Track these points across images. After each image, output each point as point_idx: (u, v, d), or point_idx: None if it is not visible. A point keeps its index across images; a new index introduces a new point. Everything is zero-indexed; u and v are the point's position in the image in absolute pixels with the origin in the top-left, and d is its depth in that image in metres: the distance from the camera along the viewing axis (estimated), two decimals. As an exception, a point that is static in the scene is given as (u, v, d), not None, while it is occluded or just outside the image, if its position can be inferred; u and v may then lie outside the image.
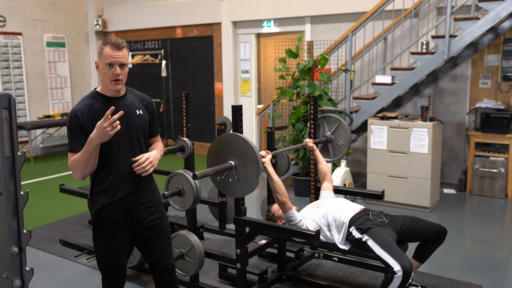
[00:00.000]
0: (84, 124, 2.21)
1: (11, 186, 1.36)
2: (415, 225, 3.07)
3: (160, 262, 2.47)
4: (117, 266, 2.36)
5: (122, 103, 2.30)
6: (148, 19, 8.60)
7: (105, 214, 2.31)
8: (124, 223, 2.32)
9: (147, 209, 2.38)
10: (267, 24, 7.46)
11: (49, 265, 3.96)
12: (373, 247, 2.84)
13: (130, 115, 2.30)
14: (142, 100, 2.42)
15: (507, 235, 4.59)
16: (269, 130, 3.93)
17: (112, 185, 2.29)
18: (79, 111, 2.23)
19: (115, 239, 2.32)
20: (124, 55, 2.23)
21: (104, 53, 2.22)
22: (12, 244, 1.37)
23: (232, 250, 3.75)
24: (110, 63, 2.20)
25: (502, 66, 5.70)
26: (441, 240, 3.06)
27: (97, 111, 2.23)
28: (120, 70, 2.21)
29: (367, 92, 6.32)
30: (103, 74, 2.25)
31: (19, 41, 8.20)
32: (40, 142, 8.52)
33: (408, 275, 2.66)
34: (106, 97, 2.29)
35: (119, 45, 2.21)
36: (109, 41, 2.22)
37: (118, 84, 2.25)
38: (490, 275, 3.59)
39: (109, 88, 2.28)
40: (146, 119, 2.39)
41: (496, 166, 5.45)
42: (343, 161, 5.36)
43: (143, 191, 2.36)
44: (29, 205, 5.38)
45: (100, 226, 2.34)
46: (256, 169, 2.40)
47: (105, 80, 2.26)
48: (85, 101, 2.28)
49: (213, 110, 8.28)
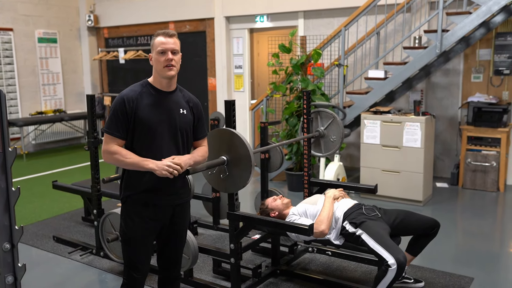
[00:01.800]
0: (129, 110, 2.24)
1: (2, 182, 1.36)
2: (408, 219, 3.09)
3: (170, 260, 2.50)
4: (137, 263, 2.38)
5: (169, 99, 2.34)
6: (140, 14, 8.55)
7: (131, 207, 2.34)
8: (149, 218, 2.33)
9: (173, 207, 2.39)
10: (260, 19, 7.44)
11: (43, 261, 3.95)
12: (367, 240, 2.86)
13: (173, 112, 2.32)
14: (189, 100, 2.43)
15: (499, 228, 4.63)
16: (263, 125, 3.93)
17: (145, 176, 2.28)
18: (126, 96, 2.26)
19: (138, 233, 2.34)
20: (175, 42, 2.30)
21: (156, 43, 2.28)
22: (4, 241, 1.37)
23: (226, 245, 3.76)
24: (162, 50, 2.25)
25: (494, 61, 5.72)
26: (434, 233, 3.08)
27: (144, 100, 2.27)
28: (172, 56, 2.26)
29: (360, 87, 6.34)
30: (156, 62, 2.29)
31: (10, 37, 8.14)
32: (32, 139, 8.47)
33: (402, 268, 2.68)
34: (155, 89, 2.33)
35: (169, 33, 2.29)
36: (160, 32, 2.31)
37: (171, 70, 2.27)
38: (482, 268, 3.63)
39: (161, 78, 2.30)
40: (188, 120, 2.39)
41: (488, 160, 5.48)
42: (337, 156, 5.38)
43: (174, 189, 2.36)
44: (22, 202, 5.36)
45: (125, 220, 2.37)
46: (248, 165, 2.40)
47: (158, 68, 2.28)
48: (135, 88, 2.31)
49: (206, 105, 8.26)
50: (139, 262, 2.39)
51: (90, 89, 9.39)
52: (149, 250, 2.43)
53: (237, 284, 3.09)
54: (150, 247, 2.43)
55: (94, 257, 3.94)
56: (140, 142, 2.28)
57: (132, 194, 2.33)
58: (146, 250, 2.41)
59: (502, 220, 4.83)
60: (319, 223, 3.01)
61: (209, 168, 2.46)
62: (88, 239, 4.33)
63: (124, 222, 2.38)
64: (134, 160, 2.22)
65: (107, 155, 2.27)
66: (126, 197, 2.36)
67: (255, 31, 8.24)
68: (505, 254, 3.97)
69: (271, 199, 3.34)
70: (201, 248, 3.37)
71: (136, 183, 2.31)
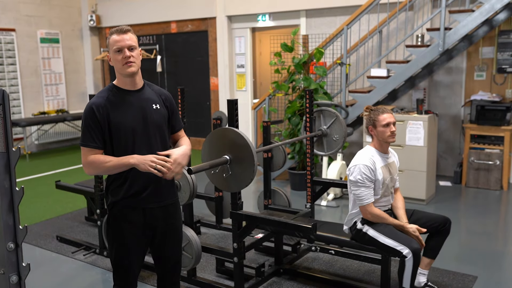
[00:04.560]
0: (100, 118, 2.17)
1: (6, 182, 1.36)
2: (416, 216, 3.09)
3: (168, 261, 2.42)
4: (127, 268, 2.30)
5: (138, 97, 2.26)
6: (142, 14, 8.56)
7: (118, 212, 2.26)
8: (138, 223, 2.26)
9: (162, 208, 2.31)
10: (262, 18, 7.44)
11: (46, 261, 3.96)
12: (377, 237, 2.87)
13: (146, 109, 2.25)
14: (160, 94, 2.36)
15: (503, 227, 4.62)
16: (265, 124, 3.93)
17: (129, 180, 2.22)
18: (95, 104, 2.18)
19: (126, 239, 2.26)
20: (130, 37, 2.20)
21: (110, 42, 2.19)
22: (8, 240, 1.37)
23: (229, 244, 3.76)
24: (118, 49, 2.17)
25: (497, 59, 5.71)
26: (447, 230, 3.06)
27: (113, 104, 2.20)
28: (129, 53, 2.18)
29: (363, 86, 6.33)
30: (115, 62, 2.21)
31: (12, 37, 8.15)
32: (35, 139, 8.48)
33: (417, 255, 2.71)
34: (122, 90, 2.25)
35: (123, 30, 2.20)
36: (113, 30, 2.21)
37: (131, 66, 2.19)
38: (486, 267, 3.62)
39: (124, 78, 2.23)
40: (163, 114, 2.32)
41: (491, 158, 5.47)
42: (339, 155, 5.37)
43: (159, 189, 2.28)
44: (26, 202, 5.37)
45: (113, 225, 2.29)
46: (251, 164, 2.40)
47: (117, 68, 2.21)
48: (101, 94, 2.24)
49: (208, 105, 8.26)
50: (130, 270, 2.30)
51: (93, 89, 9.40)
52: (141, 256, 2.35)
53: (240, 283, 3.09)
54: (142, 254, 2.35)
55: (98, 257, 3.95)
56: (121, 148, 2.20)
57: (118, 200, 2.25)
58: (138, 256, 2.32)
59: (505, 219, 4.82)
60: (371, 213, 2.93)
61: (212, 167, 2.46)
62: (91, 238, 4.34)
63: (112, 229, 2.29)
64: (114, 162, 2.13)
65: (86, 167, 2.19)
66: (112, 204, 2.28)
67: (257, 30, 8.23)
68: (509, 252, 3.95)
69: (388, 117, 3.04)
70: (204, 248, 3.37)
71: (120, 189, 2.24)
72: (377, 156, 3.00)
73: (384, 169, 2.98)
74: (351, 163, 3.02)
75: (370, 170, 2.91)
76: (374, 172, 2.93)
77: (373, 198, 2.93)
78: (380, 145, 3.03)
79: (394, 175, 3.10)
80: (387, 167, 3.03)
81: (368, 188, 2.91)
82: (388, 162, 3.06)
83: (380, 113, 3.00)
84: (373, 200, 2.93)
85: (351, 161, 3.04)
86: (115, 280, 2.35)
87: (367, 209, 2.92)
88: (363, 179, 2.91)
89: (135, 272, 2.35)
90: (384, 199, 3.02)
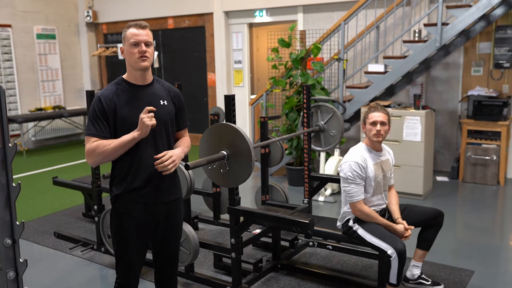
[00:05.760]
0: (107, 109, 2.18)
1: (2, 178, 1.35)
2: (409, 210, 3.11)
3: (167, 255, 2.44)
4: (128, 261, 2.32)
5: (147, 92, 2.27)
6: (139, 10, 8.52)
7: (120, 205, 2.28)
8: (139, 217, 2.27)
9: (164, 204, 2.33)
10: (259, 14, 7.42)
11: (44, 257, 3.96)
12: (364, 235, 2.91)
13: (154, 104, 2.24)
14: (169, 91, 2.36)
15: (500, 221, 4.64)
16: (263, 120, 3.93)
17: (131, 174, 2.24)
18: (103, 96, 2.20)
19: (127, 232, 2.28)
20: (148, 34, 2.22)
21: (128, 35, 2.21)
22: (5, 236, 1.37)
23: (227, 240, 3.76)
24: (136, 42, 2.19)
25: (494, 54, 5.71)
26: (439, 223, 3.08)
27: (121, 97, 2.21)
28: (145, 48, 2.20)
29: (360, 81, 6.33)
30: (129, 55, 2.22)
31: (8, 33, 8.12)
32: (32, 135, 8.46)
33: (402, 255, 2.71)
34: (131, 84, 2.26)
35: (142, 25, 2.22)
36: (132, 24, 2.23)
37: (145, 61, 2.20)
38: (482, 261, 3.63)
39: (135, 72, 2.24)
40: (170, 111, 2.32)
41: (488, 153, 5.48)
42: (337, 150, 5.38)
43: (162, 184, 2.29)
44: (23, 198, 5.36)
45: (115, 218, 2.31)
46: (248, 160, 2.40)
47: (131, 61, 2.22)
48: (110, 87, 2.26)
49: (206, 101, 8.25)
50: (131, 263, 2.32)
51: (90, 85, 9.38)
52: (142, 251, 2.36)
53: (238, 279, 3.10)
54: (143, 248, 2.36)
55: (95, 253, 3.95)
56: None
57: (121, 193, 2.26)
58: (140, 251, 2.34)
59: (502, 214, 4.84)
60: (360, 210, 2.93)
61: (209, 163, 2.46)
62: (89, 235, 4.34)
63: (115, 222, 2.32)
64: (116, 143, 2.14)
65: (90, 154, 2.17)
66: (115, 197, 2.29)
67: (254, 26, 8.21)
68: (506, 247, 3.97)
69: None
70: (202, 243, 3.37)
71: (123, 182, 2.25)
72: (369, 153, 3.00)
73: (376, 167, 2.98)
74: (342, 160, 3.03)
75: (360, 167, 2.91)
76: (365, 169, 2.93)
77: (363, 196, 2.93)
78: (371, 142, 3.03)
79: (387, 173, 3.09)
80: (379, 165, 3.02)
81: (358, 185, 2.91)
82: (380, 159, 3.05)
83: (371, 111, 3.01)
84: (363, 198, 2.93)
85: (343, 158, 3.04)
86: (117, 273, 2.38)
87: (356, 206, 2.92)
88: (354, 176, 2.91)
89: (137, 266, 2.37)
90: (376, 197, 3.02)
